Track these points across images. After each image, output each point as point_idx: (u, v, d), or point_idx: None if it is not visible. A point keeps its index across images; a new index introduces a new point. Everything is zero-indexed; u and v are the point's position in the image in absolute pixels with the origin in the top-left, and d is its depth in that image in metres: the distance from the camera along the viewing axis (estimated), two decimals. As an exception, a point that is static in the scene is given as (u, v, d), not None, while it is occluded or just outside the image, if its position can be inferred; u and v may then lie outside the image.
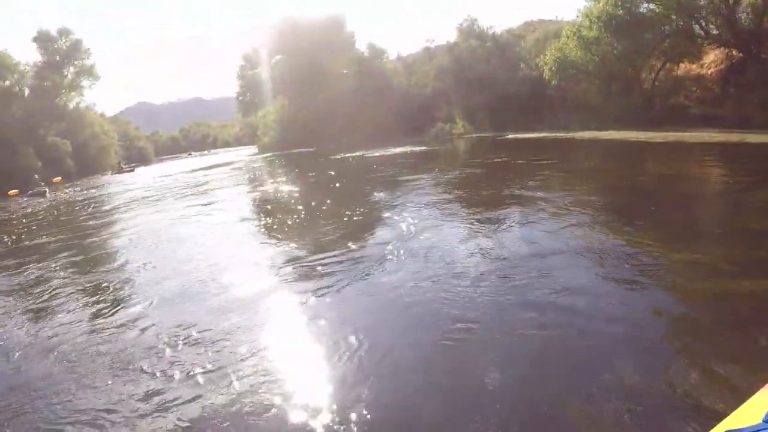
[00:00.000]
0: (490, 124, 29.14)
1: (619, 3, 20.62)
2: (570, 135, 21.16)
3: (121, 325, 4.90)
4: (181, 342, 4.29)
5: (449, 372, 3.33)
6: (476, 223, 7.30)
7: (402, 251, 6.15)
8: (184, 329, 4.56)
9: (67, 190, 28.01)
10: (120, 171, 42.91)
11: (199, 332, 4.43)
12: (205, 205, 13.58)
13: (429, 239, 6.61)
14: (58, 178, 32.73)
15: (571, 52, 23.44)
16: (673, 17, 19.58)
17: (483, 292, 4.55)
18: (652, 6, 20.25)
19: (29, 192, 27.48)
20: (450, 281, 4.88)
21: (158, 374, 3.77)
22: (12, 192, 28.93)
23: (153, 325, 4.80)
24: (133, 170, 43.42)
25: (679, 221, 6.40)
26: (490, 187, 10.89)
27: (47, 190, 28.01)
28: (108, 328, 4.87)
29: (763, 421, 1.65)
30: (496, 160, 16.54)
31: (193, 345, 4.22)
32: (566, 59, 23.70)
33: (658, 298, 4.12)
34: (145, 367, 3.91)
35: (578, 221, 6.62)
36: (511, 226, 6.89)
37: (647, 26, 20.25)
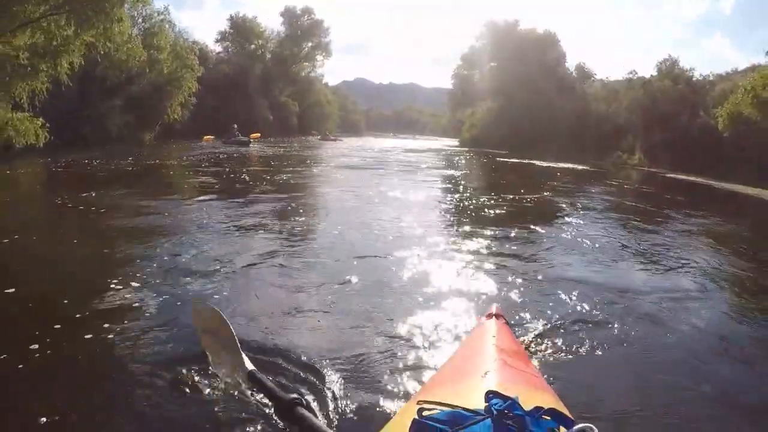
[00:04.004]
0: (666, 162, 31.91)
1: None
2: (712, 183, 24.44)
3: (312, 252, 6.54)
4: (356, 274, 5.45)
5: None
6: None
7: (570, 243, 7.86)
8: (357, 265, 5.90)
9: (264, 147, 30.29)
10: (325, 138, 47.12)
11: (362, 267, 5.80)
12: (413, 182, 15.94)
13: (593, 236, 8.57)
14: (257, 134, 33.75)
15: (745, 108, 25.80)
16: None
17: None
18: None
19: (229, 139, 29.56)
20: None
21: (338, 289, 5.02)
22: (207, 138, 30.51)
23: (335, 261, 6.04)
24: (335, 140, 46.78)
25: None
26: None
27: (251, 141, 30.21)
28: (299, 252, 6.43)
29: (487, 401, 1.40)
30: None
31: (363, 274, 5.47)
32: (740, 115, 26.10)
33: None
34: (319, 281, 5.21)
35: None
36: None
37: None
